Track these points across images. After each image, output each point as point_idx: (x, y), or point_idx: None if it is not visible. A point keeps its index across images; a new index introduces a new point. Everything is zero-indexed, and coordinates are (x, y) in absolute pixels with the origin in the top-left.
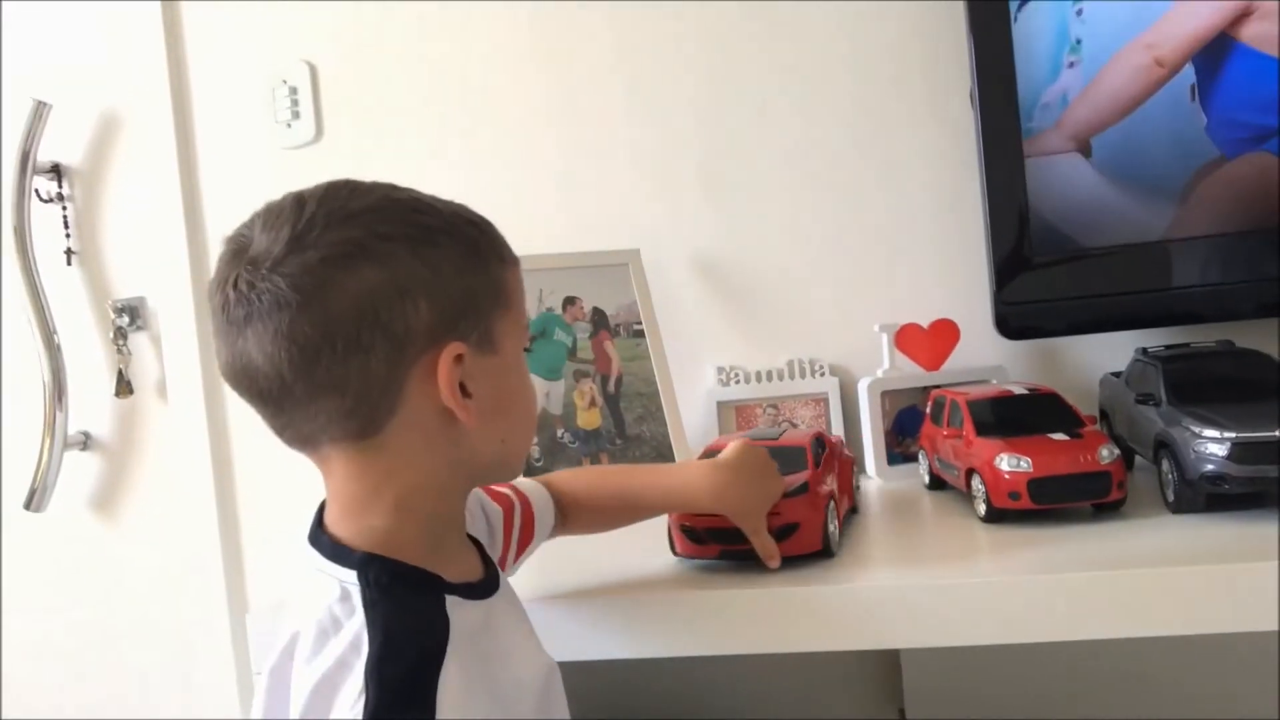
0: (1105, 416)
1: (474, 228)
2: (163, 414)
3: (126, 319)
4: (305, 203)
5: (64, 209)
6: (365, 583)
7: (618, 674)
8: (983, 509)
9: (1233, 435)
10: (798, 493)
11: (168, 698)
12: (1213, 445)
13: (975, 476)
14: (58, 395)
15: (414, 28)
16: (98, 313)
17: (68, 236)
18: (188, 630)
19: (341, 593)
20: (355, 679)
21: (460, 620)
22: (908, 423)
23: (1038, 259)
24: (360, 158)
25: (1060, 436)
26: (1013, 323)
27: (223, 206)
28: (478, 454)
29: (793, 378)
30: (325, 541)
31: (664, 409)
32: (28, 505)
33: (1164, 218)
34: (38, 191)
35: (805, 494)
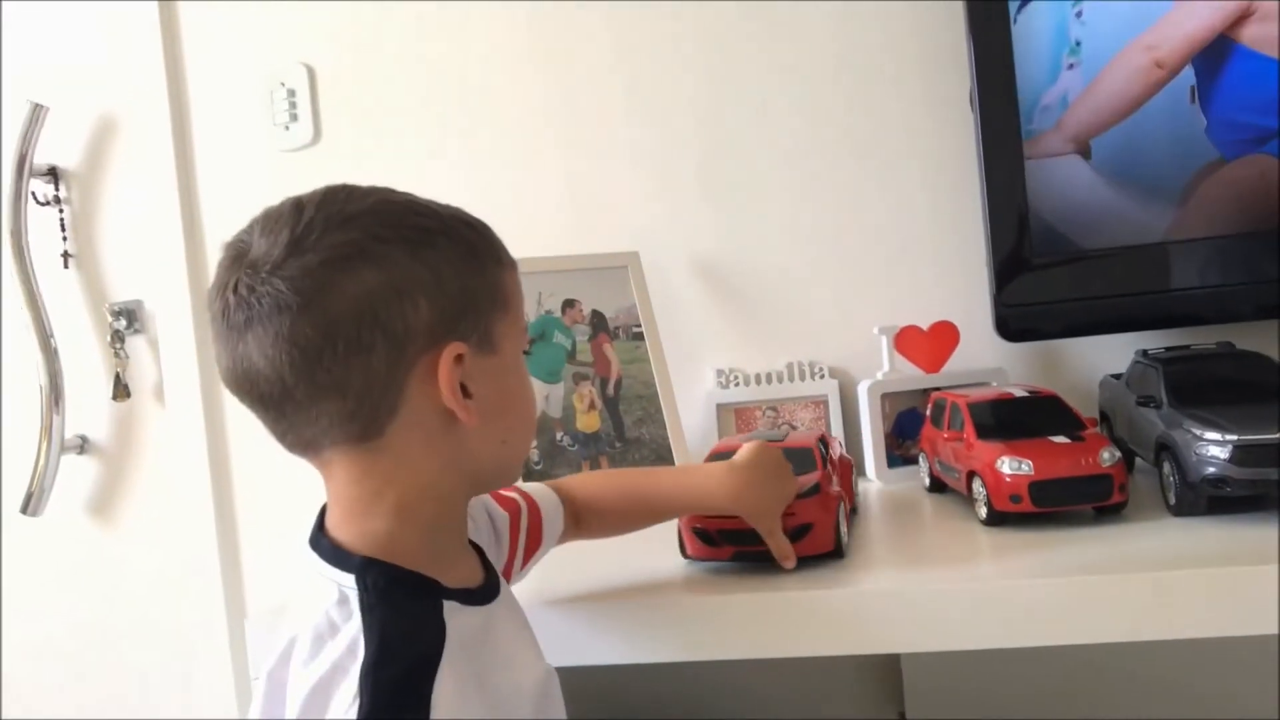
0: (1105, 419)
1: (471, 230)
2: (160, 417)
3: (124, 322)
4: (303, 207)
5: (61, 212)
6: (363, 587)
7: (615, 675)
8: (984, 512)
9: (1234, 438)
10: (810, 493)
11: (167, 698)
12: (1214, 448)
13: (976, 479)
14: (55, 399)
15: (412, 29)
16: (95, 316)
17: (65, 240)
18: (186, 634)
19: (339, 596)
20: (350, 683)
21: (458, 626)
22: (907, 425)
23: (1037, 261)
24: (358, 160)
25: (1061, 439)
26: (1012, 325)
27: (220, 210)
28: (478, 456)
29: (792, 380)
30: (325, 545)
31: (663, 411)
32: (24, 509)
33: (1164, 219)
34: (34, 194)
35: (817, 494)
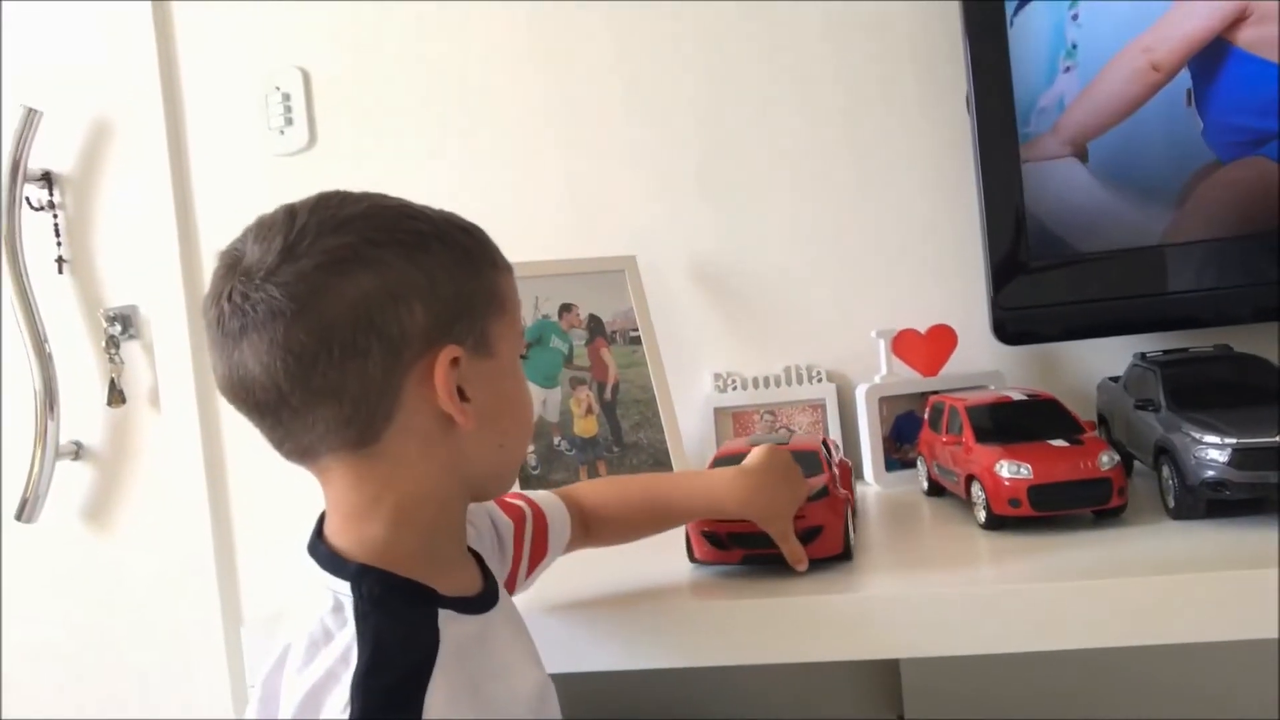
0: (1104, 422)
1: (466, 234)
2: (155, 423)
3: (118, 328)
4: (297, 213)
5: (55, 217)
6: (358, 594)
7: (613, 676)
8: (983, 516)
9: (1233, 441)
10: (819, 496)
11: (167, 698)
12: (1213, 451)
13: (975, 483)
14: (49, 405)
15: (409, 30)
16: (89, 321)
17: (59, 245)
18: (183, 635)
19: (335, 603)
20: (342, 690)
21: (452, 634)
22: (905, 428)
23: (1035, 264)
24: (354, 164)
25: (1060, 443)
26: (1010, 328)
27: (215, 215)
28: (475, 460)
29: (790, 384)
30: (323, 552)
31: (661, 416)
32: (19, 516)
33: (1161, 222)
34: (28, 199)
35: (826, 497)
